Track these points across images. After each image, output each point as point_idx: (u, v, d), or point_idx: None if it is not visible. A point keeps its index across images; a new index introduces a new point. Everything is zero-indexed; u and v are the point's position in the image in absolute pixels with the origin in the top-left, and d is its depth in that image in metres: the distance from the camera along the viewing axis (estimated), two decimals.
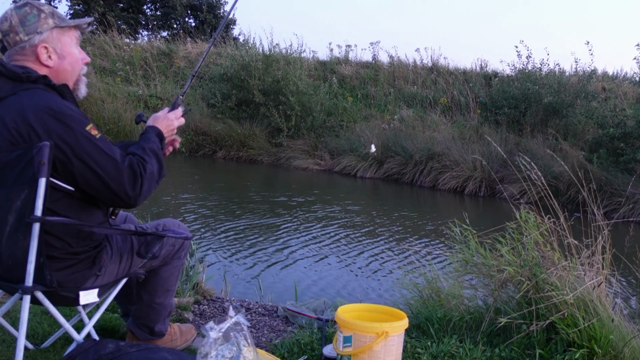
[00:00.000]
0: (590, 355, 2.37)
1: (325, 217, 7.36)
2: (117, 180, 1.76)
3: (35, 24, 1.78)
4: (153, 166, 1.86)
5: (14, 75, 1.73)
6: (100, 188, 1.76)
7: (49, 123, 1.69)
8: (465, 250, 3.02)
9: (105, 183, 1.75)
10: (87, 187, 1.77)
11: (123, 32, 18.06)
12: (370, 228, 6.92)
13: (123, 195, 1.78)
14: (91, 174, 1.74)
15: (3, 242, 1.81)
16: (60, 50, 1.83)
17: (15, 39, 1.77)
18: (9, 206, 1.77)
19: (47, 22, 1.80)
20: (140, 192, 1.80)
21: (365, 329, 2.18)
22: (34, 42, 1.78)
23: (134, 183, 1.79)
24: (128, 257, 2.04)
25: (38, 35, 1.78)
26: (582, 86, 11.81)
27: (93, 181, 1.75)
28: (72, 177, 1.75)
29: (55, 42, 1.82)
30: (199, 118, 12.79)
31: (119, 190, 1.77)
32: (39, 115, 1.69)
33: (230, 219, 6.89)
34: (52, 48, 1.81)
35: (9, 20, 1.77)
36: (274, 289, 4.38)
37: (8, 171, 1.77)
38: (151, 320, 2.28)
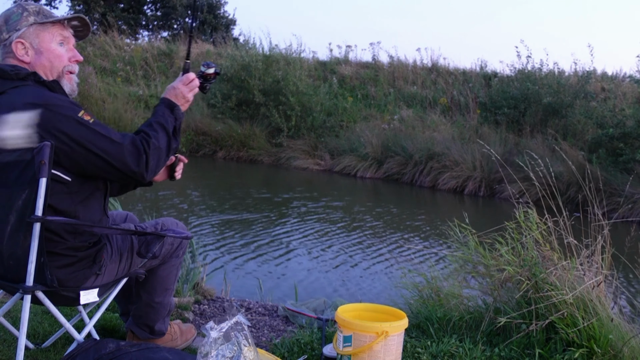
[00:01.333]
0: (589, 354, 2.37)
1: (325, 217, 7.37)
2: (120, 159, 1.77)
3: (17, 22, 1.83)
4: (159, 140, 1.85)
5: (3, 74, 1.77)
6: (107, 169, 1.78)
7: (42, 117, 1.70)
8: (465, 250, 3.03)
9: (110, 164, 1.77)
10: (95, 170, 1.79)
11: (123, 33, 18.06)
12: (370, 228, 6.92)
13: (129, 172, 1.79)
14: (94, 157, 1.75)
15: (4, 242, 1.82)
16: (38, 46, 1.84)
17: (1, 37, 1.83)
18: (10, 206, 1.78)
19: (27, 19, 1.83)
20: (146, 167, 1.81)
21: (365, 329, 2.18)
22: (14, 38, 1.81)
23: (138, 159, 1.80)
24: (128, 257, 2.04)
25: (16, 32, 1.82)
26: (582, 86, 11.82)
27: (98, 164, 1.77)
28: (77, 165, 1.77)
29: (33, 38, 1.84)
30: (199, 118, 12.79)
31: (124, 169, 1.78)
32: (31, 110, 1.70)
33: (230, 219, 6.89)
34: (29, 43, 1.83)
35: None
36: (274, 289, 4.38)
37: (9, 171, 1.78)
38: (151, 320, 2.28)
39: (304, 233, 6.47)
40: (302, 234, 6.44)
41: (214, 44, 17.72)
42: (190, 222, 6.52)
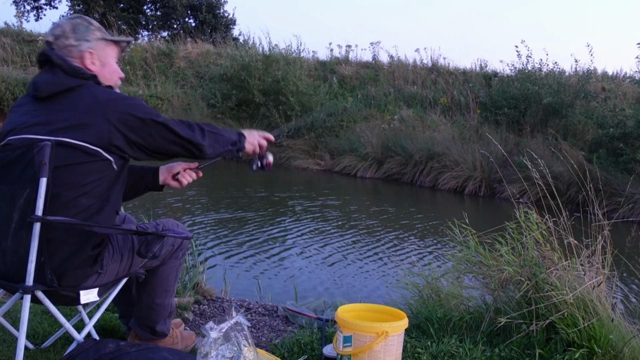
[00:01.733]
0: (589, 355, 2.37)
1: (325, 217, 7.37)
2: (180, 128, 1.99)
3: (85, 33, 2.00)
4: (214, 130, 2.10)
5: (72, 71, 1.91)
6: (173, 138, 1.98)
7: (120, 100, 1.90)
8: (465, 250, 3.03)
9: (175, 132, 1.97)
10: (164, 140, 1.96)
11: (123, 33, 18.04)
12: (370, 228, 6.92)
13: (191, 138, 2.00)
14: (164, 129, 1.95)
15: (9, 239, 1.84)
16: (103, 59, 2.03)
17: (65, 42, 1.96)
18: (14, 203, 1.81)
19: (95, 33, 2.02)
20: (202, 135, 2.03)
21: (365, 329, 2.18)
22: (82, 48, 1.99)
23: (192, 130, 2.03)
24: (129, 257, 2.05)
25: (86, 43, 1.99)
26: (582, 86, 11.82)
27: (166, 135, 1.96)
28: (150, 136, 1.93)
29: (100, 51, 2.03)
30: (199, 118, 12.77)
31: (186, 134, 1.99)
32: (107, 98, 1.89)
33: (230, 219, 6.89)
34: (97, 55, 2.01)
35: (62, 27, 1.99)
36: (274, 289, 4.38)
37: (11, 169, 1.82)
38: (151, 321, 2.29)
39: (304, 233, 6.46)
40: (302, 234, 6.43)
41: (213, 44, 17.72)
42: (189, 223, 6.52)
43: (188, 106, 13.36)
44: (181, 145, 2.00)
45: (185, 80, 15.16)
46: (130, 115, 1.88)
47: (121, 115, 1.86)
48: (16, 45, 15.72)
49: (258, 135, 2.29)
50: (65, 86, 1.87)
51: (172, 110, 13.23)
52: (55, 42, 1.96)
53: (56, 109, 1.86)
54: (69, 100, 1.87)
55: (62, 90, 1.87)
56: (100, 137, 1.83)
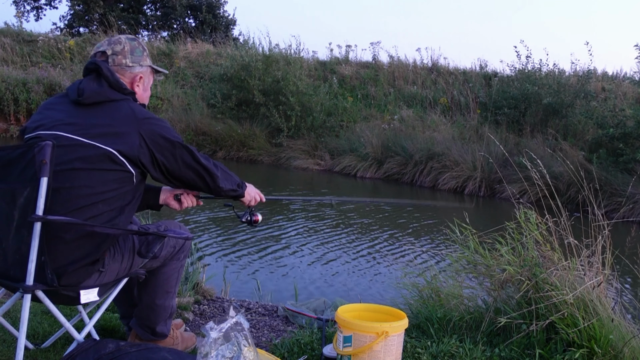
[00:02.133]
0: (590, 355, 2.37)
1: (325, 217, 7.36)
2: (200, 157, 2.12)
3: (140, 57, 2.16)
4: (224, 168, 2.26)
5: (116, 85, 2.03)
6: (193, 163, 2.10)
7: (153, 120, 2.01)
8: (465, 250, 3.03)
9: (196, 158, 2.10)
10: (184, 165, 2.08)
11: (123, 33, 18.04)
12: (370, 228, 6.92)
13: (208, 166, 2.14)
14: (187, 154, 2.08)
15: (10, 237, 1.85)
16: (146, 85, 2.21)
17: (122, 61, 2.11)
18: (14, 202, 1.82)
19: (146, 60, 2.19)
20: (215, 168, 2.18)
21: (365, 329, 2.18)
22: (135, 70, 2.14)
23: (208, 160, 2.17)
24: (129, 257, 2.05)
25: (139, 67, 2.16)
26: (582, 86, 11.82)
27: (188, 159, 2.08)
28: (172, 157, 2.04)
29: (146, 77, 2.20)
30: (199, 118, 12.79)
31: (205, 163, 2.13)
32: (143, 116, 1.99)
33: (230, 219, 6.89)
34: (143, 80, 2.18)
35: (123, 45, 2.13)
36: (274, 289, 4.38)
37: (11, 168, 1.83)
38: (152, 322, 2.29)
39: (303, 233, 6.46)
40: (302, 234, 6.43)
41: (213, 44, 17.72)
42: (189, 223, 6.52)
43: (188, 106, 13.36)
44: (198, 174, 2.12)
45: (185, 80, 15.17)
46: (161, 137, 1.99)
47: (153, 134, 1.97)
48: (16, 45, 15.73)
49: (256, 190, 2.43)
50: (108, 97, 1.99)
51: (172, 110, 13.23)
52: (112, 56, 2.09)
53: (94, 115, 1.95)
54: (108, 110, 1.97)
55: (104, 100, 1.98)
56: (130, 149, 1.92)
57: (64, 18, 22.09)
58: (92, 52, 2.17)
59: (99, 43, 2.20)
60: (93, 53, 2.15)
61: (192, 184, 2.17)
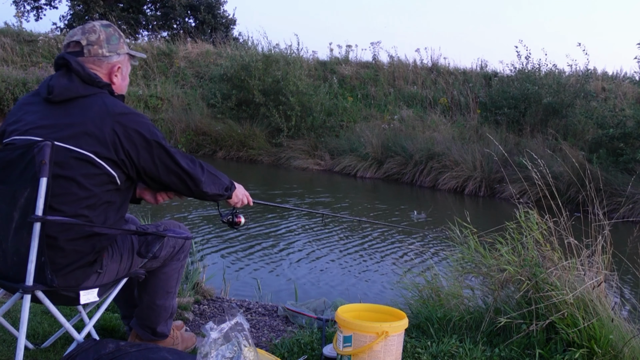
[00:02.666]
0: (590, 355, 2.37)
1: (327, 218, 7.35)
2: (182, 159, 1.99)
3: (116, 45, 2.04)
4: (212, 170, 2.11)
5: (88, 79, 1.92)
6: (173, 167, 1.98)
7: (130, 117, 1.90)
8: (465, 249, 3.03)
9: (176, 161, 1.97)
10: (163, 167, 1.96)
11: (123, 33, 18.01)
12: (370, 228, 6.92)
13: (191, 171, 2.00)
14: (166, 155, 1.95)
15: (9, 238, 1.84)
16: (124, 73, 2.10)
17: (98, 51, 1.99)
18: (15, 203, 1.81)
19: (123, 47, 2.07)
20: (202, 172, 2.04)
21: (365, 329, 2.18)
22: (112, 60, 2.02)
23: (194, 164, 2.04)
24: (128, 257, 2.05)
25: (117, 56, 2.04)
26: (581, 86, 11.81)
27: (167, 162, 1.96)
28: (150, 159, 1.92)
29: (124, 65, 2.08)
30: (199, 118, 12.78)
31: (187, 167, 2.00)
32: (119, 111, 1.89)
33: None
34: (121, 69, 2.06)
35: (98, 34, 2.00)
36: (274, 289, 4.38)
37: (12, 169, 1.82)
38: (152, 322, 2.29)
39: (303, 233, 6.46)
40: (302, 233, 6.43)
41: (213, 44, 17.71)
42: (189, 223, 6.51)
43: (188, 106, 13.36)
44: (179, 177, 2.00)
45: (185, 80, 15.16)
46: (137, 133, 1.88)
47: (127, 131, 1.86)
48: (16, 45, 15.73)
49: (244, 192, 2.32)
50: (80, 93, 1.89)
51: (172, 110, 13.23)
52: (87, 46, 1.97)
53: (66, 114, 1.86)
54: (81, 107, 1.87)
55: (76, 96, 1.89)
56: (106, 150, 1.84)
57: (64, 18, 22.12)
58: (65, 41, 2.04)
59: (71, 31, 2.05)
60: (66, 42, 2.02)
61: (172, 188, 2.06)
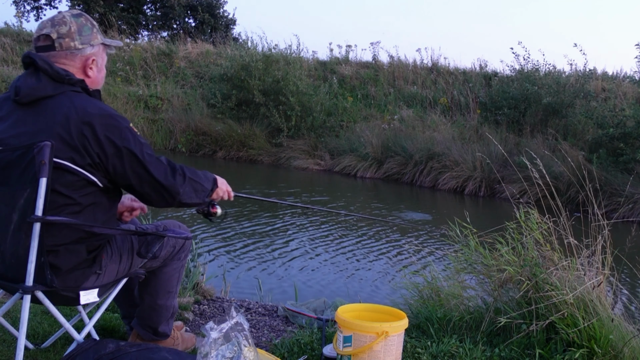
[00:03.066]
0: (590, 355, 2.37)
1: (325, 217, 7.36)
2: (159, 169, 1.87)
3: (89, 36, 1.92)
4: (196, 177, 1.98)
5: (57, 76, 1.81)
6: (146, 177, 1.86)
7: (101, 120, 1.78)
8: (465, 249, 3.03)
9: (149, 172, 1.85)
10: (134, 176, 1.84)
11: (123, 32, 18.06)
12: (370, 228, 6.92)
13: (165, 182, 1.87)
14: (138, 164, 1.83)
15: (7, 240, 1.83)
16: (100, 65, 1.99)
17: (70, 44, 1.87)
18: (14, 204, 1.79)
19: (97, 37, 1.95)
20: (182, 181, 1.91)
21: (365, 329, 2.18)
22: (86, 52, 1.91)
23: (174, 174, 1.90)
24: (128, 257, 2.04)
25: (90, 48, 1.92)
26: (581, 86, 11.81)
27: (139, 171, 1.84)
28: (120, 166, 1.81)
29: (99, 57, 1.97)
30: (199, 118, 12.78)
31: (161, 178, 1.87)
32: (91, 115, 1.77)
33: (230, 219, 6.89)
34: (96, 61, 1.96)
35: (69, 25, 1.88)
36: (274, 289, 4.38)
37: (11, 170, 1.80)
38: (154, 322, 2.29)
39: (304, 233, 6.46)
40: (302, 233, 6.43)
41: (213, 44, 17.72)
42: (189, 223, 6.51)
43: (188, 106, 13.36)
44: (152, 187, 1.87)
45: (185, 80, 15.16)
46: (106, 138, 1.77)
47: (96, 135, 1.76)
48: (16, 45, 15.72)
49: (226, 188, 2.16)
50: (48, 93, 1.79)
51: (172, 110, 13.23)
52: (58, 40, 1.86)
53: (37, 118, 1.78)
54: (49, 108, 1.78)
55: (44, 96, 1.80)
56: (79, 155, 1.76)
57: None
58: (35, 34, 1.90)
59: (40, 23, 1.91)
60: (36, 36, 1.89)
61: (146, 199, 1.94)
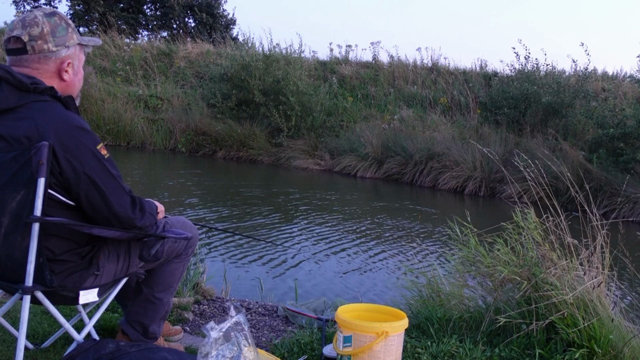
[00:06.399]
0: (590, 355, 2.37)
1: (326, 217, 7.36)
2: (119, 201, 1.79)
3: (64, 37, 1.80)
4: (151, 209, 1.91)
5: (21, 85, 1.70)
6: (101, 207, 1.78)
7: (63, 139, 1.69)
8: (465, 250, 3.03)
9: (107, 202, 1.77)
10: (88, 204, 1.77)
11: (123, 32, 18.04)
12: (370, 228, 6.92)
13: (123, 215, 1.80)
14: (95, 192, 1.75)
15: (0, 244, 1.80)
16: (77, 67, 1.86)
17: (43, 47, 1.76)
18: (3, 208, 1.75)
19: (72, 37, 1.82)
20: (141, 216, 1.85)
21: (365, 329, 2.18)
22: (61, 55, 1.79)
23: (134, 207, 1.83)
24: (125, 257, 2.02)
25: (65, 50, 1.80)
26: (581, 86, 11.82)
27: (95, 199, 1.76)
28: (76, 191, 1.75)
29: (75, 58, 1.85)
30: (199, 118, 12.79)
31: (119, 211, 1.79)
32: (54, 130, 1.68)
33: (230, 219, 6.89)
34: (72, 64, 1.83)
35: (41, 27, 1.75)
36: (274, 289, 4.38)
37: (0, 173, 1.75)
38: (147, 317, 2.22)
39: (303, 233, 6.46)
40: (302, 233, 6.43)
41: (213, 43, 17.71)
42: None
43: (188, 106, 13.36)
44: (108, 217, 1.79)
45: (185, 80, 15.16)
46: (66, 160, 1.68)
47: (57, 156, 1.67)
48: None
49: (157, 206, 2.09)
50: (9, 105, 1.69)
51: (172, 110, 13.24)
52: (30, 42, 1.74)
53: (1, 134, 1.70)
54: (12, 123, 1.69)
55: (6, 108, 1.70)
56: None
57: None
58: (5, 35, 1.78)
59: (10, 23, 1.79)
60: (6, 38, 1.77)
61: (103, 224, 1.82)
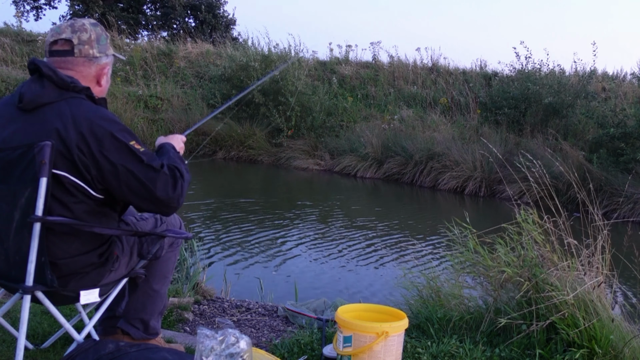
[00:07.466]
0: (590, 355, 2.37)
1: (325, 217, 7.36)
2: (159, 185, 1.83)
3: (105, 46, 1.97)
4: (186, 171, 1.96)
5: (62, 83, 1.81)
6: (144, 194, 1.83)
7: (98, 133, 1.76)
8: (465, 250, 3.03)
9: (149, 189, 1.82)
10: (131, 193, 1.82)
11: (123, 32, 18.03)
12: (370, 228, 6.92)
13: (166, 199, 1.84)
14: (135, 181, 1.81)
15: (11, 238, 1.83)
16: (109, 76, 2.03)
17: (89, 51, 1.91)
18: (15, 203, 1.80)
19: (109, 48, 2.00)
20: (181, 193, 1.88)
21: (365, 329, 2.18)
22: (102, 61, 1.95)
23: (175, 184, 1.87)
24: (133, 253, 2.05)
25: (105, 57, 1.97)
26: (582, 86, 11.81)
27: (137, 188, 1.81)
28: (116, 184, 1.80)
29: (110, 67, 2.02)
30: (199, 118, 12.76)
31: (163, 195, 1.83)
32: (89, 124, 1.76)
33: (230, 219, 6.89)
34: (108, 71, 2.00)
35: (89, 33, 1.91)
36: (274, 289, 4.37)
37: (12, 169, 1.80)
38: (147, 312, 2.24)
39: (304, 233, 6.46)
40: (302, 234, 6.43)
41: (213, 43, 17.71)
42: (190, 222, 6.51)
43: (188, 106, 13.37)
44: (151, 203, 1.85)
45: (185, 80, 15.16)
46: (101, 154, 1.75)
47: (91, 149, 1.75)
48: (16, 45, 15.71)
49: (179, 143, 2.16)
50: (49, 100, 1.79)
51: (172, 110, 13.24)
52: (78, 45, 1.88)
53: (38, 127, 1.78)
54: (48, 116, 1.78)
55: (46, 103, 1.80)
56: (74, 167, 1.75)
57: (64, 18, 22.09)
58: (51, 37, 1.90)
59: (57, 27, 1.91)
60: (53, 39, 1.89)
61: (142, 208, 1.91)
